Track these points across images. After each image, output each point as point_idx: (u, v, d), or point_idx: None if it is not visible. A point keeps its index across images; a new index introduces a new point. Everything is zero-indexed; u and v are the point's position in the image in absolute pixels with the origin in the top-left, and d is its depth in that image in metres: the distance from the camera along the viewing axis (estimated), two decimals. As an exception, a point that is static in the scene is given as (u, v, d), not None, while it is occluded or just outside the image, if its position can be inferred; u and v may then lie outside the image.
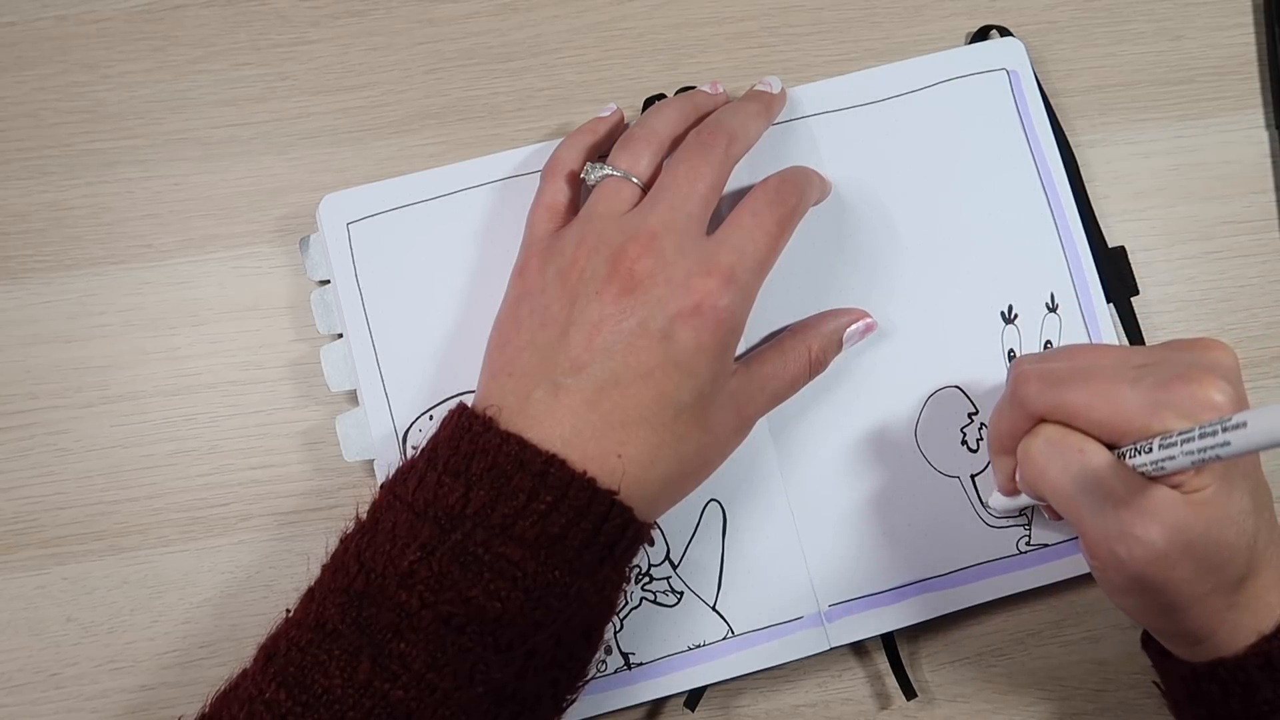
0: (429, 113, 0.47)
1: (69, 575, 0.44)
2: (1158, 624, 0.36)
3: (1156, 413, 0.32)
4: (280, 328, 0.46)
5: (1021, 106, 0.46)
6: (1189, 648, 0.36)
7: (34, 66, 0.48)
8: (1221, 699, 0.35)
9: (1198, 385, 0.32)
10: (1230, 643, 0.35)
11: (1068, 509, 0.35)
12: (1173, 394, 0.32)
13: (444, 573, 0.33)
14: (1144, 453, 0.32)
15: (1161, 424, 0.32)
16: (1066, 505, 0.35)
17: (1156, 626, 0.37)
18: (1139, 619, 0.37)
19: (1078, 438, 0.34)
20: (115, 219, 0.47)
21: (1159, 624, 0.36)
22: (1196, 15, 0.48)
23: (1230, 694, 0.35)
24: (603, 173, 0.40)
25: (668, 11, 0.48)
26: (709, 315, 0.36)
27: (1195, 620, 0.34)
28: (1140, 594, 0.34)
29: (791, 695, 0.44)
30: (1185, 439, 0.31)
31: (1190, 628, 0.35)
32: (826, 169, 0.45)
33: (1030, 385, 0.36)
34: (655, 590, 0.43)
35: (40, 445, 0.45)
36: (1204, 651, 0.35)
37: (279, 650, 0.34)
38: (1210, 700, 0.35)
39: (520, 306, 0.38)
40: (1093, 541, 0.34)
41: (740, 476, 0.43)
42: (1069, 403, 0.34)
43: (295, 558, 0.44)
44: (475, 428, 0.35)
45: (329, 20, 0.48)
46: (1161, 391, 0.32)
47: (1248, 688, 0.34)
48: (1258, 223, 0.47)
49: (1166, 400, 0.32)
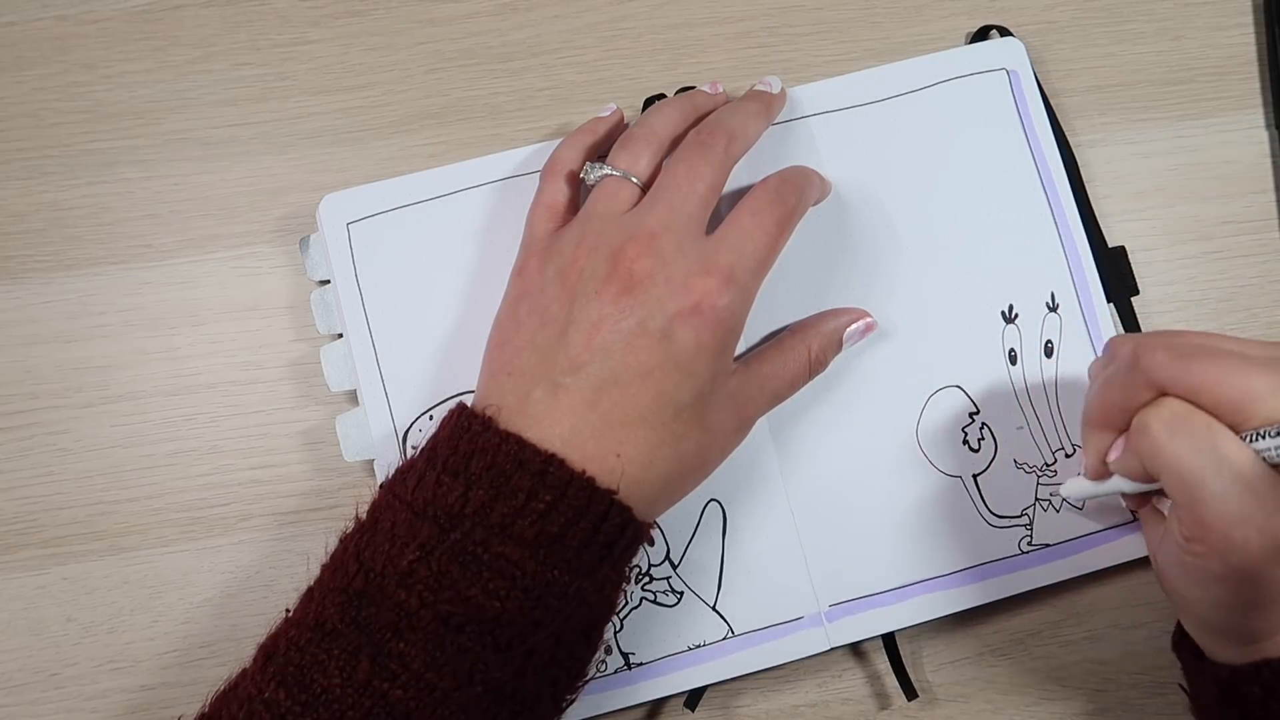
0: (429, 113, 0.47)
1: (69, 575, 0.44)
2: (1229, 619, 0.35)
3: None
4: (280, 328, 0.46)
5: (1021, 106, 0.46)
6: (1240, 647, 0.35)
7: (34, 66, 0.48)
8: (1261, 700, 0.34)
9: None
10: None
11: (1185, 488, 0.34)
12: None
13: (443, 572, 0.33)
14: (1268, 437, 0.32)
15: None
16: (1185, 484, 0.33)
17: (1225, 621, 0.36)
18: (1210, 611, 0.36)
19: (1206, 417, 0.33)
20: (115, 219, 0.47)
21: (1231, 619, 0.35)
22: (1196, 15, 0.48)
23: (1271, 695, 0.34)
24: (602, 172, 0.40)
25: (668, 11, 0.48)
26: (708, 315, 0.36)
27: (1267, 619, 0.34)
28: (1234, 584, 0.34)
29: (791, 695, 0.44)
30: None
31: (1258, 626, 0.34)
32: (826, 169, 0.45)
33: (1158, 355, 0.34)
34: (655, 590, 0.43)
35: (40, 445, 0.45)
36: (1252, 651, 0.35)
37: (278, 650, 0.34)
38: (1248, 702, 0.35)
39: (520, 306, 0.38)
40: (1207, 525, 0.33)
41: (740, 476, 0.43)
42: (1199, 377, 0.33)
43: (295, 558, 0.44)
44: (474, 427, 0.35)
45: (329, 20, 0.48)
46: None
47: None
48: (1258, 223, 0.47)
49: None
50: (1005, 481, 0.44)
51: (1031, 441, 0.44)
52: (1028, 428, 0.44)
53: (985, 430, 0.44)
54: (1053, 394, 0.44)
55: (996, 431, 0.44)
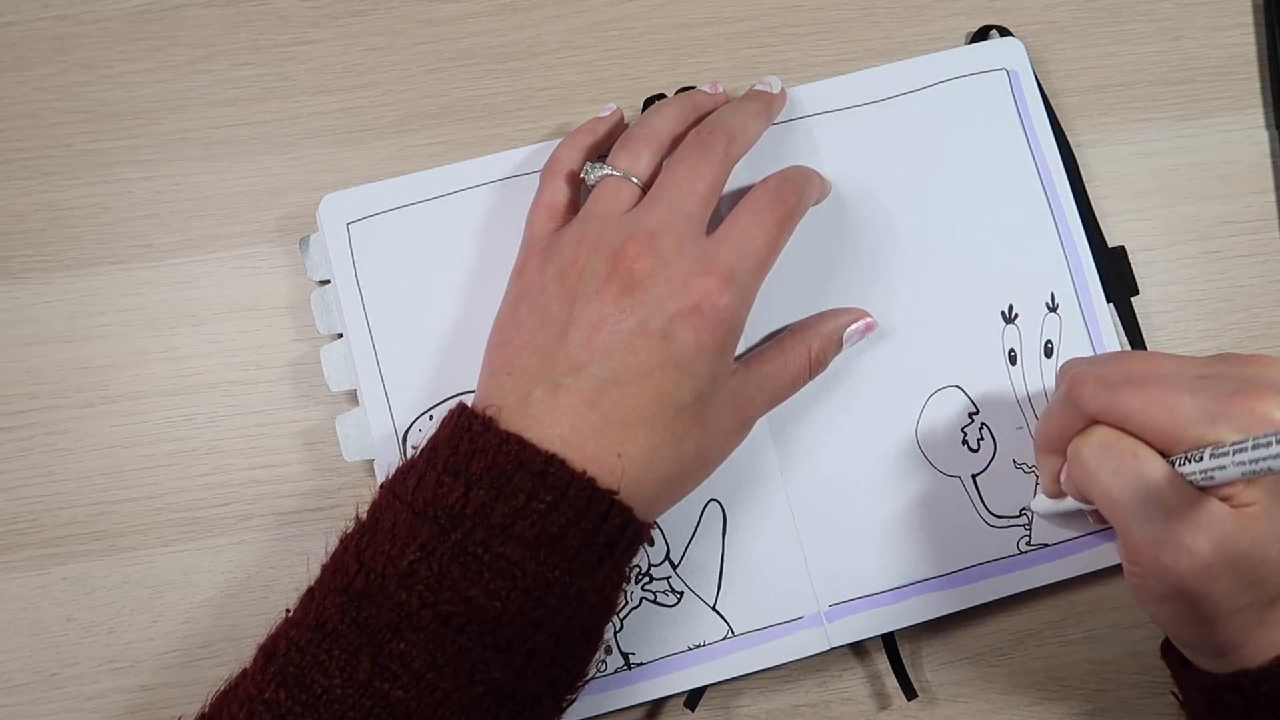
0: (429, 113, 0.47)
1: (69, 575, 0.44)
2: (1187, 634, 0.36)
3: (1213, 424, 0.32)
4: (280, 328, 0.46)
5: (1021, 106, 0.46)
6: (1214, 659, 0.36)
7: (34, 66, 0.48)
8: (1243, 709, 0.35)
9: (1257, 400, 0.32)
10: (1256, 655, 0.35)
11: (1114, 513, 0.34)
12: (1231, 406, 0.32)
13: (444, 572, 0.33)
14: (1194, 461, 0.32)
15: (1216, 435, 0.32)
16: (1113, 509, 0.34)
17: (1185, 637, 0.36)
18: (1169, 628, 0.37)
19: (1131, 442, 0.34)
20: (115, 219, 0.47)
21: (1189, 634, 0.36)
22: (1196, 15, 0.48)
23: (1252, 704, 0.35)
24: (602, 172, 0.40)
25: (668, 11, 0.48)
26: (708, 315, 0.36)
27: (1226, 633, 0.34)
28: (1177, 603, 0.34)
29: (791, 695, 0.44)
30: (1238, 449, 0.31)
31: (1220, 640, 0.35)
32: (826, 169, 0.45)
33: (1087, 386, 0.35)
34: (655, 590, 0.43)
35: (40, 445, 0.45)
36: (1229, 663, 0.35)
37: (279, 650, 0.34)
38: (1231, 710, 0.35)
39: (520, 306, 0.38)
40: (1137, 548, 0.34)
41: (740, 476, 0.43)
42: (1125, 406, 0.34)
43: (295, 558, 0.44)
44: (475, 427, 0.35)
45: (329, 20, 0.48)
46: (1220, 403, 0.32)
47: (1271, 699, 0.34)
48: (1258, 223, 0.47)
49: (1224, 412, 0.32)
50: (1004, 482, 0.44)
51: (1031, 442, 0.44)
52: (1027, 428, 0.44)
53: (985, 430, 0.44)
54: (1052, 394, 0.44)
55: (996, 432, 0.44)
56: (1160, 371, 0.35)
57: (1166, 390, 0.34)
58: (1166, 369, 0.35)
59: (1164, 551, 0.33)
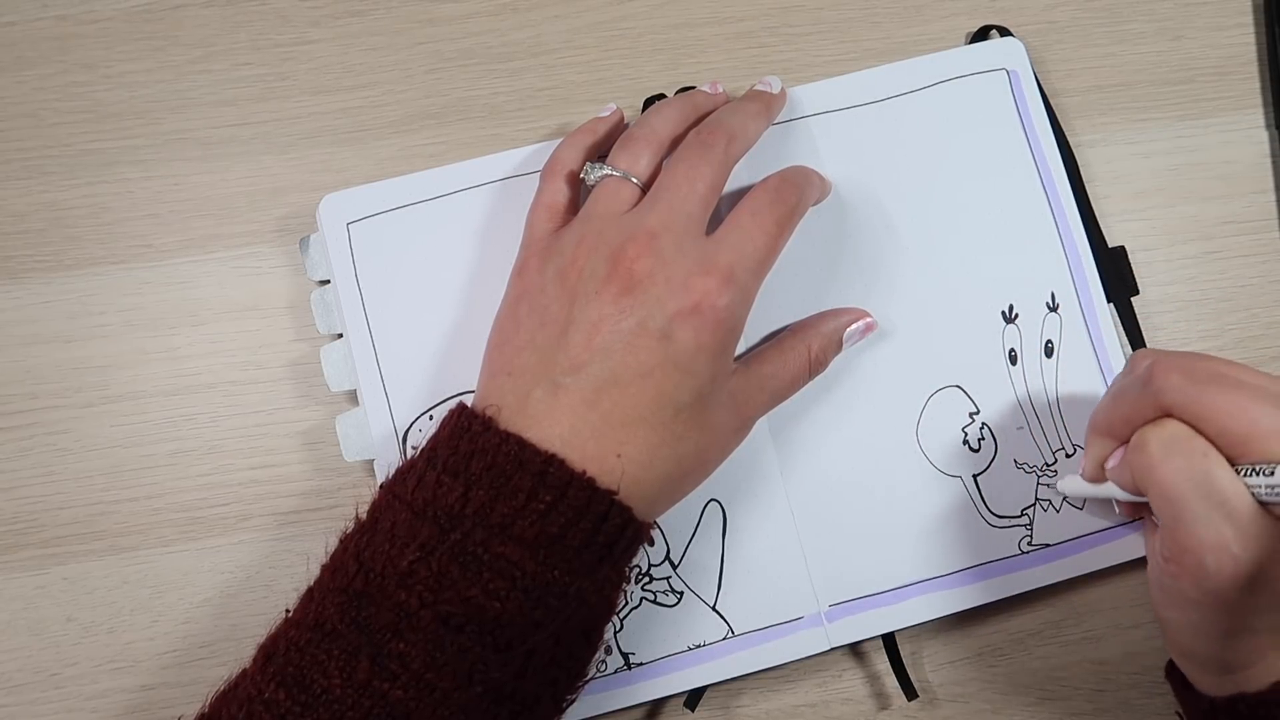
0: (429, 113, 0.47)
1: (69, 575, 0.44)
2: (1200, 647, 0.36)
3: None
4: (280, 328, 0.46)
5: (1021, 106, 0.46)
6: (1218, 676, 0.36)
7: (34, 66, 0.48)
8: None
9: None
10: (1260, 677, 0.35)
11: (1169, 509, 0.34)
12: None
13: (443, 572, 0.33)
14: (1263, 474, 0.32)
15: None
16: (1170, 505, 0.34)
17: (1197, 649, 0.36)
18: (1181, 637, 0.37)
19: (1204, 443, 0.34)
20: (115, 219, 0.47)
21: (1202, 647, 0.36)
22: (1196, 15, 0.48)
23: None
24: (602, 173, 0.40)
25: (668, 11, 0.48)
26: (708, 315, 0.36)
27: (1242, 650, 0.34)
28: (1205, 610, 0.34)
29: (791, 695, 0.44)
30: None
31: (1232, 657, 0.35)
32: (826, 169, 0.45)
33: (1173, 377, 0.35)
34: (655, 590, 0.43)
35: (40, 445, 0.45)
36: (1231, 683, 0.35)
37: (278, 650, 0.34)
38: None
39: (519, 306, 0.38)
40: (1183, 547, 0.34)
41: (740, 476, 0.43)
42: (1208, 405, 0.34)
43: (295, 558, 0.44)
44: (474, 427, 0.35)
45: (329, 20, 0.48)
46: None
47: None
48: (1258, 223, 0.47)
49: None
50: (1005, 481, 0.44)
51: (1031, 441, 0.44)
52: (1028, 428, 0.44)
53: (985, 430, 0.44)
54: (1053, 394, 0.44)
55: (996, 431, 0.44)
56: (1245, 379, 0.34)
57: (1252, 399, 0.33)
58: (1250, 378, 0.35)
59: (1210, 555, 0.33)
